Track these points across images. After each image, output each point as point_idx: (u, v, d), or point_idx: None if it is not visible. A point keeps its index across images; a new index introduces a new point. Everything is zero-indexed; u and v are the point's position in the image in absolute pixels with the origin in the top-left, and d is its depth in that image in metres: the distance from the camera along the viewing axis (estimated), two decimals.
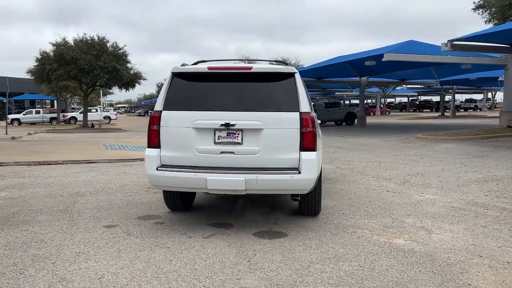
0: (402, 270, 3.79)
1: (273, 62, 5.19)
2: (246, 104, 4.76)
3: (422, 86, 46.66)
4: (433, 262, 3.98)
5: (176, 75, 4.95)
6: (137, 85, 34.78)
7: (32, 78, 34.21)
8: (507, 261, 4.02)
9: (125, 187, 7.53)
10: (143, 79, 34.51)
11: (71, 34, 66.59)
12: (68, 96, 50.83)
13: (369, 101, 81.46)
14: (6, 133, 21.66)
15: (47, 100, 64.85)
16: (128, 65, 33.20)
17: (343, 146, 15.17)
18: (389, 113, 61.26)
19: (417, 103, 73.66)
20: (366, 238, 4.69)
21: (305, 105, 4.71)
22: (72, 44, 31.50)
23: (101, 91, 45.01)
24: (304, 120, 4.64)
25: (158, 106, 4.87)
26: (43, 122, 42.24)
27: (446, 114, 47.44)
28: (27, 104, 65.82)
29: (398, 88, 62.99)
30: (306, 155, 4.64)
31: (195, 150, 4.72)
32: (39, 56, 31.57)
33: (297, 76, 4.80)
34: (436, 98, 70.86)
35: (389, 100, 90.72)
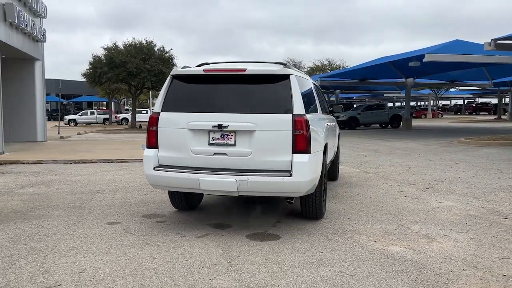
0: (383, 278, 3.66)
1: (273, 63, 5.16)
2: (240, 105, 4.79)
3: (478, 88, 44.38)
4: (420, 272, 3.81)
5: (175, 77, 5.06)
6: None
7: (85, 80, 36.04)
8: (503, 273, 3.78)
9: (143, 186, 7.77)
10: None
11: (126, 39, 69.25)
12: (122, 98, 53.05)
13: (421, 103, 78.62)
14: (58, 133, 22.93)
15: (103, 102, 67.96)
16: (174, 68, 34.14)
17: (379, 150, 14.78)
18: (442, 116, 58.82)
19: (473, 105, 70.21)
20: (360, 243, 4.57)
21: (299, 107, 4.66)
22: (122, 48, 32.87)
23: (150, 93, 46.63)
24: (297, 123, 4.59)
25: (157, 107, 5.01)
26: (97, 123, 44.28)
27: (503, 117, 44.86)
28: (84, 106, 69.40)
29: (452, 90, 60.40)
30: (298, 157, 4.59)
31: (190, 151, 4.81)
32: (92, 60, 33.22)
33: (293, 78, 4.76)
34: (495, 100, 67.18)
35: (444, 102, 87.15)
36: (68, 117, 44.99)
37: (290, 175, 4.54)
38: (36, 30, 15.70)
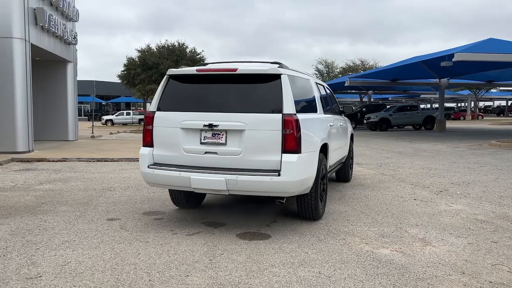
0: (361, 280, 3.59)
1: (267, 63, 5.14)
2: (231, 105, 4.81)
3: None
4: (402, 275, 3.71)
5: (171, 77, 5.15)
6: None
7: (120, 82, 37.14)
8: (490, 280, 3.62)
9: None
10: None
11: (159, 41, 70.69)
12: None
13: (461, 104, 75.96)
14: (92, 132, 23.71)
15: (140, 103, 69.86)
16: None
17: (404, 151, 14.43)
18: (482, 118, 56.65)
19: None
20: (350, 245, 4.49)
21: (289, 107, 4.63)
22: (155, 50, 33.66)
23: None
24: (287, 122, 4.56)
25: (153, 106, 5.11)
26: (132, 123, 45.45)
27: None
28: (122, 106, 71.51)
29: (493, 90, 58.11)
30: (287, 157, 4.56)
31: (183, 150, 4.88)
32: (126, 62, 34.23)
33: (284, 78, 4.73)
34: None
35: (486, 103, 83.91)
36: (105, 117, 46.41)
37: (279, 175, 4.53)
38: (67, 33, 16.32)
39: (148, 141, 5.08)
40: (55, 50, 15.54)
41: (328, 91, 7.11)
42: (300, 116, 4.77)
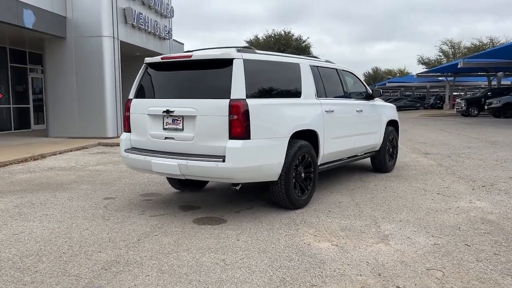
0: (259, 271, 3.43)
1: (240, 48, 5.04)
2: (187, 91, 4.89)
3: None
4: (307, 270, 3.44)
5: (147, 65, 5.40)
6: None
7: None
8: (398, 285, 3.17)
9: None
10: None
11: (266, 31, 71.46)
12: None
13: None
14: None
15: None
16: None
17: (499, 141, 12.65)
18: None
19: None
20: (293, 236, 4.27)
21: (237, 92, 4.52)
22: (261, 40, 34.46)
23: None
24: (233, 107, 4.48)
25: (130, 94, 5.43)
26: None
27: None
28: None
29: None
30: (231, 143, 4.49)
31: (149, 135, 5.12)
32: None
33: (237, 62, 4.62)
34: None
35: None
36: None
37: (223, 161, 4.49)
38: (160, 29, 17.73)
39: (127, 127, 5.43)
40: (148, 45, 17.02)
41: (339, 75, 6.63)
42: (255, 102, 4.63)
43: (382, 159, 7.69)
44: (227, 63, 4.67)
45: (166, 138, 4.96)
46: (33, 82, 17.79)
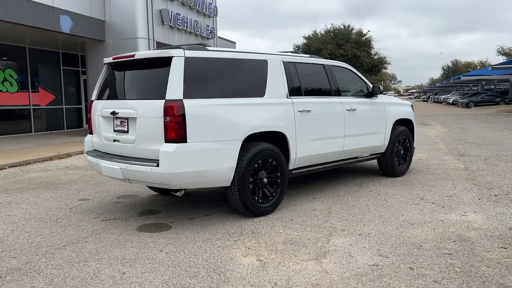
0: (161, 280, 3.17)
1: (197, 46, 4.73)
2: (132, 92, 4.71)
3: None
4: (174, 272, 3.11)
5: (108, 65, 5.29)
6: (384, 69, 34.14)
7: None
8: None
9: None
10: (387, 64, 33.47)
11: (324, 25, 68.68)
12: None
13: None
14: None
15: None
16: (372, 51, 32.89)
17: None
18: None
19: None
20: (223, 248, 3.92)
21: (173, 92, 4.24)
22: (319, 35, 33.60)
23: None
24: (167, 109, 4.21)
25: (93, 95, 5.36)
26: None
27: None
28: None
29: None
30: (166, 147, 4.22)
31: (103, 137, 5.01)
32: (292, 50, 35.16)
33: (176, 61, 4.32)
34: None
35: None
36: None
37: (157, 165, 4.25)
38: (201, 28, 17.86)
39: (90, 129, 5.39)
40: None
41: (326, 72, 6.04)
42: (195, 102, 4.33)
43: (389, 162, 6.98)
44: (166, 62, 4.41)
45: (114, 140, 4.82)
46: (85, 84, 18.78)
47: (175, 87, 4.27)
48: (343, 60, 31.26)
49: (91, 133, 5.38)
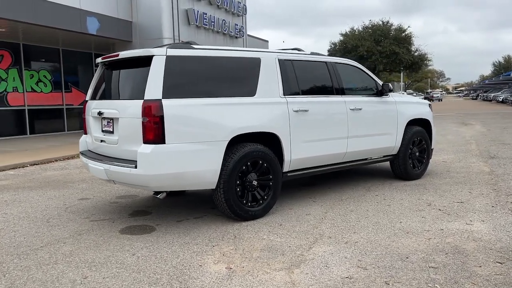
0: (119, 285, 3.07)
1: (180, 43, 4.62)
2: (117, 92, 4.64)
3: None
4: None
5: (101, 65, 5.26)
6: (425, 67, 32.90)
7: None
8: None
9: None
10: (428, 61, 32.16)
11: (362, 22, 66.40)
12: None
13: None
14: None
15: None
16: (412, 47, 31.73)
17: None
18: None
19: None
20: (197, 254, 3.78)
21: (152, 92, 4.12)
22: (356, 32, 32.77)
23: (401, 74, 44.61)
24: (145, 109, 4.11)
25: (87, 95, 5.36)
26: None
27: None
28: None
29: None
30: (143, 148, 4.12)
31: (93, 138, 4.99)
32: (329, 47, 34.51)
33: (157, 60, 4.20)
34: None
35: None
36: None
37: (135, 167, 4.15)
38: (229, 27, 17.81)
39: (84, 129, 5.39)
40: (216, 45, 17.20)
41: (329, 69, 5.74)
42: (175, 102, 4.19)
43: (402, 165, 6.59)
44: (147, 61, 4.30)
45: (101, 141, 4.79)
46: None
47: (154, 87, 4.16)
48: (382, 58, 30.38)
49: (85, 133, 5.38)
